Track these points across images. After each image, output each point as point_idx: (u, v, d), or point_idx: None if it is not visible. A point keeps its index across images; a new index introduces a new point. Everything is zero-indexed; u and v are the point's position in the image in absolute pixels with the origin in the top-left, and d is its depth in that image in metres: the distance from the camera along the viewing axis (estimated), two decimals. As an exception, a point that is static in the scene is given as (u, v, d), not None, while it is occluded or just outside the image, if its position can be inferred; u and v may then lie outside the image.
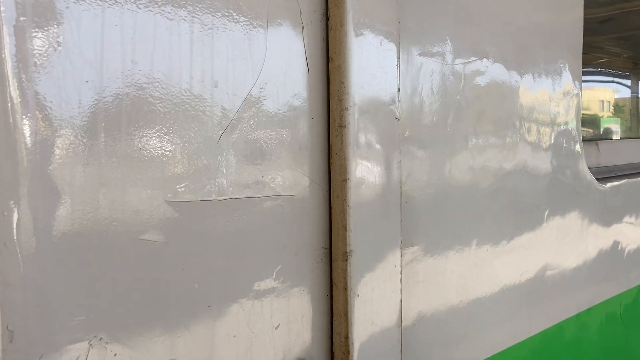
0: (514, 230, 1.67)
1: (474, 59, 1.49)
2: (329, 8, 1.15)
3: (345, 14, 1.13)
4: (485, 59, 1.52)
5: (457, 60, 1.43)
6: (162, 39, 0.94)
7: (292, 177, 1.12)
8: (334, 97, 1.16)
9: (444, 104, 1.40)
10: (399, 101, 1.24)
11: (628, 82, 9.37)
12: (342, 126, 1.15)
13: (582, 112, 1.93)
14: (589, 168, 2.00)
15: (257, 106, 1.06)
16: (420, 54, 1.34)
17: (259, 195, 1.07)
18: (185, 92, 0.96)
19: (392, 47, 1.22)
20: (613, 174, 2.18)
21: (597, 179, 2.04)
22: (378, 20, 1.19)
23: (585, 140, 2.06)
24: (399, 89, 1.23)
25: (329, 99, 1.17)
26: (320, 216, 1.17)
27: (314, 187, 1.15)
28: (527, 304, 1.73)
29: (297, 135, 1.12)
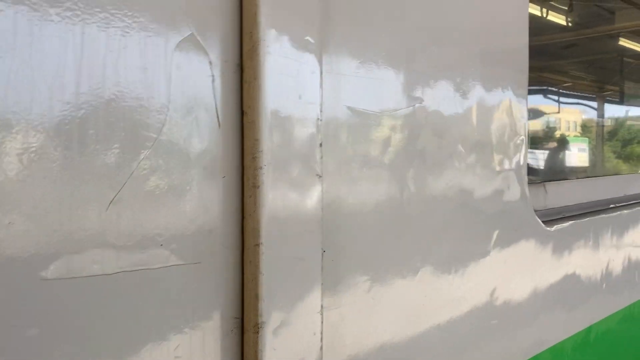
0: (452, 275, 1.60)
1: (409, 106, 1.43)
2: (243, 59, 1.07)
3: (260, 65, 1.05)
4: (420, 96, 1.46)
5: (386, 111, 1.37)
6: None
7: (198, 243, 1.03)
8: (247, 155, 1.07)
9: (373, 159, 1.33)
10: (322, 157, 1.16)
11: (594, 104, 9.52)
12: (256, 186, 1.06)
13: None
14: (535, 211, 1.96)
15: (157, 166, 0.97)
16: (346, 106, 1.27)
17: (158, 266, 0.97)
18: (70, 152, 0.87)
19: (315, 99, 1.14)
20: (561, 216, 2.14)
21: (544, 222, 1.99)
22: (297, 72, 1.11)
23: (532, 182, 2.02)
24: (321, 144, 1.16)
25: (243, 157, 1.08)
26: (230, 284, 1.08)
27: (224, 253, 1.06)
28: (465, 348, 1.67)
29: (205, 196, 1.03)
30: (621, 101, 9.49)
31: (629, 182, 2.82)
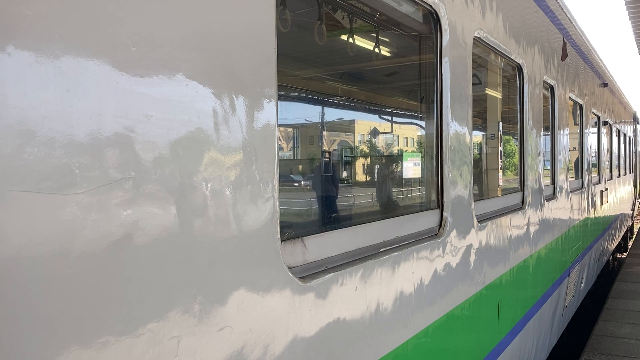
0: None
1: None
2: None
3: None
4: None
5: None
6: None
7: None
8: None
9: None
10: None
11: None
12: None
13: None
14: (291, 267, 1.99)
15: None
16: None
17: None
18: None
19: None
20: (323, 268, 2.20)
21: (302, 277, 2.03)
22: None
23: (288, 238, 2.06)
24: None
25: None
26: None
27: None
28: None
29: None
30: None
31: (400, 224, 3.03)
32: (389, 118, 9.50)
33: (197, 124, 1.55)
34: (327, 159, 8.91)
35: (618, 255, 16.12)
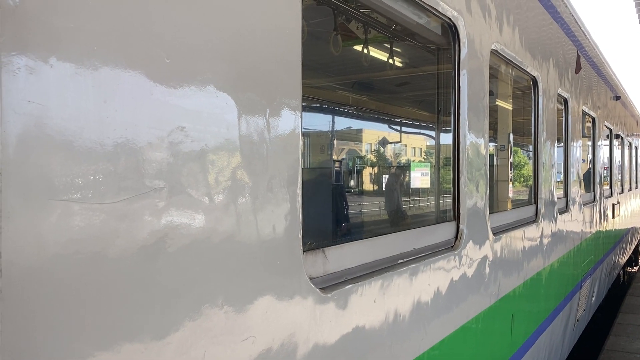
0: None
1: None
2: None
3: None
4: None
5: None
6: None
7: None
8: None
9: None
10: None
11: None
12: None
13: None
14: (312, 278, 1.99)
15: None
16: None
17: None
18: None
19: None
20: (343, 279, 2.21)
21: (323, 288, 2.04)
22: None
23: (310, 249, 2.06)
24: None
25: None
26: None
27: None
28: None
29: None
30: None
31: (417, 236, 3.03)
32: (409, 129, 9.54)
33: (226, 135, 1.57)
34: (338, 168, 8.91)
35: (629, 269, 15.98)
